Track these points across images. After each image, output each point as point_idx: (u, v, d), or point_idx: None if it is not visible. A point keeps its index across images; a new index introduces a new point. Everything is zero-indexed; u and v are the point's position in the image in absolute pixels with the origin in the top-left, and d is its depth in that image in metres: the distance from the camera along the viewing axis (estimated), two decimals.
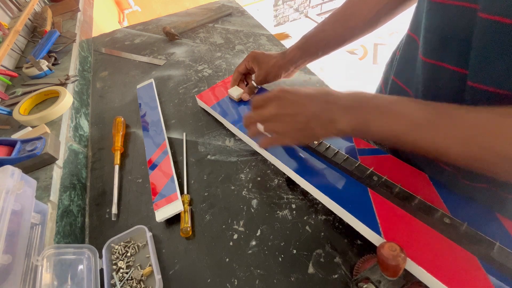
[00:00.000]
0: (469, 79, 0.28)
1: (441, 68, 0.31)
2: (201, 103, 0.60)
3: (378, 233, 0.31)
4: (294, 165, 0.41)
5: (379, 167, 0.37)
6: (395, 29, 2.61)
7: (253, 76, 0.54)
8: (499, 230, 0.29)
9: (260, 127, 0.36)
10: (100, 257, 0.39)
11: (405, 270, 0.29)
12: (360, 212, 0.33)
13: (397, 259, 0.25)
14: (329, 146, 0.41)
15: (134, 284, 0.37)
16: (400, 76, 0.41)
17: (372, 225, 0.32)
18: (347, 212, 0.34)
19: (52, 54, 0.73)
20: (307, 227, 0.39)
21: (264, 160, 0.49)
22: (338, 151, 0.40)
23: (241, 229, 0.41)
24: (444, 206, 0.32)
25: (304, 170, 0.40)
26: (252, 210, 0.43)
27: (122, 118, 0.60)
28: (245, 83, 0.59)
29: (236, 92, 0.55)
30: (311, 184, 0.38)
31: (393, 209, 0.33)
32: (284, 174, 0.46)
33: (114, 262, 0.39)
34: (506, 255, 0.25)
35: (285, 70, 0.50)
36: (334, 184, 0.37)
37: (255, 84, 0.54)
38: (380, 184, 0.34)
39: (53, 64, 0.72)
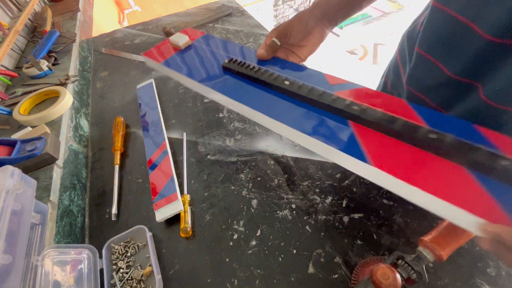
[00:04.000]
0: None
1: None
2: (151, 62, 0.49)
3: (367, 162, 0.30)
4: (264, 108, 0.37)
5: (356, 98, 0.35)
6: (395, 29, 2.61)
7: (271, 32, 0.43)
8: (479, 140, 0.29)
9: None
10: (100, 257, 0.39)
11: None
12: (345, 146, 0.31)
13: (390, 286, 0.26)
14: (302, 84, 0.37)
15: (134, 284, 0.37)
16: (426, 48, 0.39)
17: (359, 155, 0.30)
18: (333, 149, 0.31)
19: (52, 54, 0.73)
20: (307, 227, 0.39)
21: (264, 160, 0.49)
22: (313, 87, 0.36)
23: (241, 229, 0.41)
24: (426, 125, 0.31)
25: (279, 113, 0.36)
26: (252, 210, 0.43)
27: (122, 118, 0.60)
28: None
29: (180, 38, 0.48)
30: (291, 127, 0.34)
31: (377, 136, 0.32)
32: (284, 174, 0.46)
33: (114, 262, 0.39)
34: (492, 158, 0.26)
35: (315, 22, 0.42)
36: (313, 122, 0.34)
37: (277, 42, 0.42)
38: (361, 112, 0.33)
39: (53, 64, 0.72)
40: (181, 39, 0.49)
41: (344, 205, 0.41)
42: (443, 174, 0.28)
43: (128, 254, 0.40)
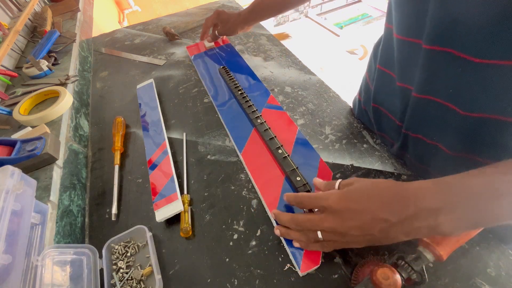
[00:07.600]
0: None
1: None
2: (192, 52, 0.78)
3: (240, 151, 0.49)
4: (216, 94, 0.63)
5: (272, 116, 0.54)
6: None
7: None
8: (312, 164, 0.45)
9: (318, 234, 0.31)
10: (100, 257, 0.39)
11: None
12: (238, 136, 0.52)
13: (390, 286, 0.26)
14: (246, 95, 0.58)
15: (134, 284, 0.37)
16: (384, 64, 0.45)
17: (239, 147, 0.50)
18: (228, 131, 0.54)
19: (52, 54, 0.73)
20: None
21: None
22: (252, 105, 0.55)
23: (241, 229, 0.41)
24: (293, 145, 0.48)
25: (223, 102, 0.60)
26: (252, 210, 0.43)
27: (122, 118, 0.60)
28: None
29: (207, 43, 0.78)
30: (218, 107, 0.59)
31: (258, 141, 0.50)
32: None
33: (114, 262, 0.39)
34: (294, 174, 0.42)
35: (240, 27, 0.69)
36: (234, 115, 0.56)
37: (217, 34, 0.73)
38: (258, 124, 0.51)
39: (53, 64, 0.72)
40: (208, 43, 0.77)
41: None
42: (269, 172, 0.45)
43: (128, 254, 0.40)
